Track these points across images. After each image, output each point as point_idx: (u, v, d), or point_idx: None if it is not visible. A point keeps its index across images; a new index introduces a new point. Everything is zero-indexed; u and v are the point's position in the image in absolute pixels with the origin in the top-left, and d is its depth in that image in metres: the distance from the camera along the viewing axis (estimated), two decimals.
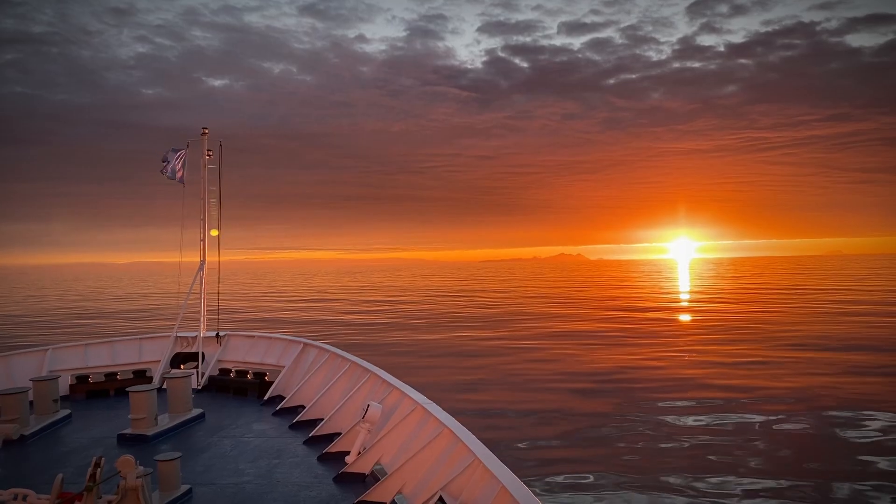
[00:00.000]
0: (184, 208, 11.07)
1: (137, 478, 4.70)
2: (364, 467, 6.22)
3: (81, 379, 10.34)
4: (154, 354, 11.35)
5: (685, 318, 40.05)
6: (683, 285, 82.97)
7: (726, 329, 32.78)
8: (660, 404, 16.56)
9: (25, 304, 65.64)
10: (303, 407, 8.76)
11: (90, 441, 7.57)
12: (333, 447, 6.86)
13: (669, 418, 15.10)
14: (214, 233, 11.28)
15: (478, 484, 4.75)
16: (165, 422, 7.91)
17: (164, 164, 10.91)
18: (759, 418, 15.01)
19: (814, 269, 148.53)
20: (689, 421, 14.90)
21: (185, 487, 5.66)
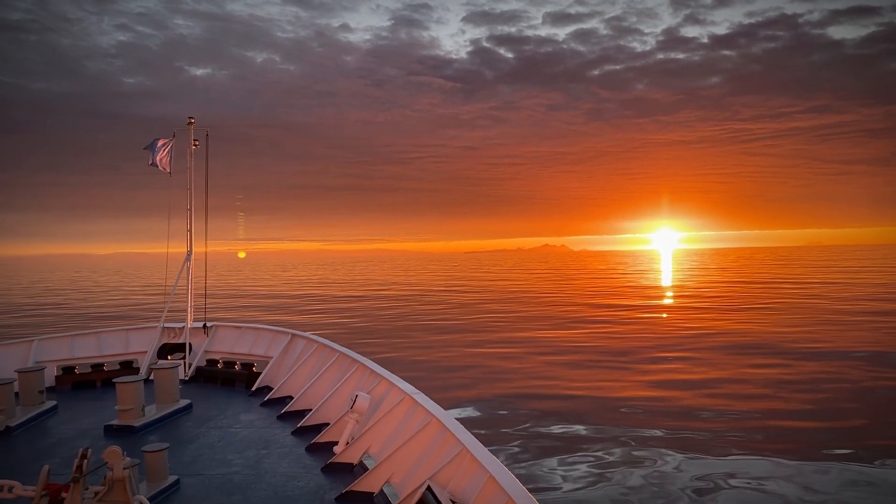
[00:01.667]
0: (170, 198, 11.05)
1: (124, 469, 4.68)
2: (352, 458, 6.25)
3: (67, 370, 10.30)
4: (141, 345, 11.33)
5: (669, 316, 36.08)
6: (666, 278, 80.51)
7: (717, 333, 27.94)
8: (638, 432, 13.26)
9: None
10: (291, 398, 8.77)
11: (76, 432, 7.55)
12: (321, 438, 6.89)
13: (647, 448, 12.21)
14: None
15: (466, 473, 4.80)
16: (152, 413, 7.89)
17: (150, 152, 10.84)
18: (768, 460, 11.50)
19: (795, 260, 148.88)
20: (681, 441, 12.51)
21: (172, 478, 5.67)
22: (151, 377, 8.81)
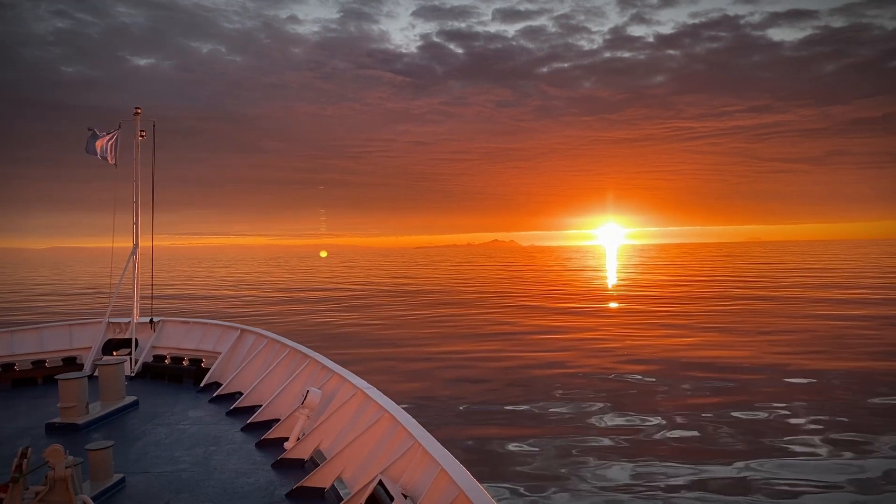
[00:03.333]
0: (116, 191, 10.75)
1: (67, 468, 4.58)
2: (303, 453, 6.23)
3: (6, 367, 9.97)
4: (85, 341, 11.02)
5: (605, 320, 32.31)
6: (612, 277, 74.79)
7: (692, 344, 24.04)
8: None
9: None
10: (240, 393, 8.68)
11: (16, 431, 7.31)
12: (272, 433, 6.84)
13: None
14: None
15: (417, 467, 4.84)
16: (97, 410, 7.70)
17: (91, 139, 10.48)
18: None
19: (738, 256, 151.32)
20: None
21: (117, 476, 5.57)
22: (96, 374, 8.59)
